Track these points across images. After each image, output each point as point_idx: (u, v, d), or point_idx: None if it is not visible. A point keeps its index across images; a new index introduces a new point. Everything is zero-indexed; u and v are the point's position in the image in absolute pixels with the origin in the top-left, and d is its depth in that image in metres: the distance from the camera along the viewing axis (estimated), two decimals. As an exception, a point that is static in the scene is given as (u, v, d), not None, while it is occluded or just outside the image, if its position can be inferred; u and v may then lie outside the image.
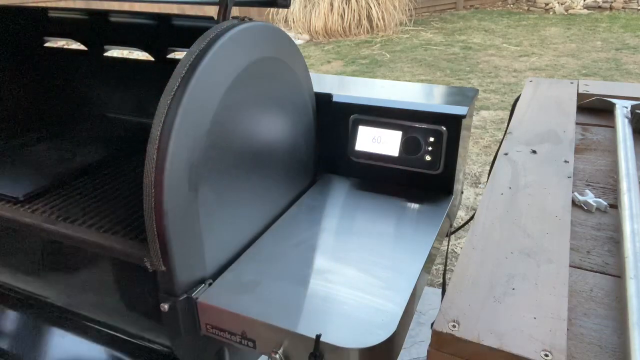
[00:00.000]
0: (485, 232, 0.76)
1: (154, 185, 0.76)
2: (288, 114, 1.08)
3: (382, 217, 1.08)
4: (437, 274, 2.32)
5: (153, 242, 0.79)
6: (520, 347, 0.55)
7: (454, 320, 0.59)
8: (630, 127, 1.10)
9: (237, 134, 0.91)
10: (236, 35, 0.86)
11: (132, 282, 0.94)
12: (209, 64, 0.80)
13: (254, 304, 0.82)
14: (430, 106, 1.17)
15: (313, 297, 0.84)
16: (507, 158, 0.99)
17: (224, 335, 0.84)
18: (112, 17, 1.36)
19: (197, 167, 0.81)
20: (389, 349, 0.76)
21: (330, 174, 1.28)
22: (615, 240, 0.78)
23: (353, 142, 1.21)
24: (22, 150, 1.37)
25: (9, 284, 1.19)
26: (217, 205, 0.88)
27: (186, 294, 0.83)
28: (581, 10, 8.50)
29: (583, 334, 0.60)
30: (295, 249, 0.97)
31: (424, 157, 1.15)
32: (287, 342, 0.78)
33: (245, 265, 0.93)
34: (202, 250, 0.86)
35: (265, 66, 0.96)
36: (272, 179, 1.06)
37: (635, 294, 0.62)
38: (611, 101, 1.24)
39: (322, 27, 6.38)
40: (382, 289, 0.85)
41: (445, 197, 1.15)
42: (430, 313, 2.00)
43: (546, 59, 5.89)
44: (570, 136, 1.07)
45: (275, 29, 0.98)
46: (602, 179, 0.96)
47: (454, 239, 2.51)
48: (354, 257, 0.94)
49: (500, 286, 0.65)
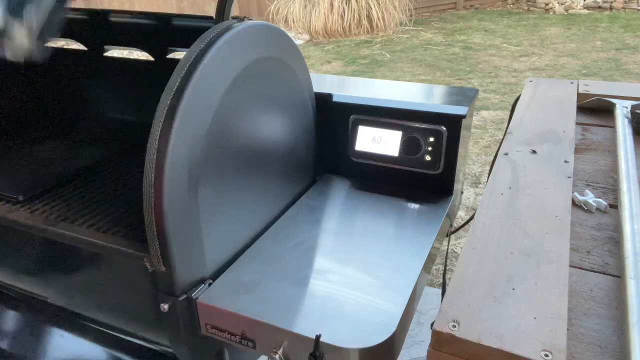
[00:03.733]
0: (485, 232, 0.76)
1: (154, 185, 0.76)
2: (288, 114, 1.08)
3: (382, 217, 1.08)
4: (437, 274, 2.32)
5: (153, 242, 0.79)
6: (520, 347, 0.55)
7: (454, 320, 0.59)
8: (630, 127, 1.10)
9: (237, 134, 0.90)
10: (236, 35, 0.86)
11: (132, 282, 0.94)
12: (208, 64, 0.80)
13: (253, 304, 0.82)
14: (430, 106, 1.17)
15: (313, 297, 0.84)
16: (507, 158, 0.99)
17: (223, 335, 0.84)
18: (112, 17, 1.36)
19: (197, 167, 0.81)
20: (389, 349, 0.76)
21: (330, 174, 1.28)
22: (615, 240, 0.78)
23: (353, 142, 1.21)
24: (22, 150, 1.37)
25: (9, 284, 1.19)
26: (217, 205, 0.88)
27: (186, 294, 0.83)
28: (581, 10, 8.50)
29: (583, 334, 0.60)
30: (295, 249, 0.97)
31: (423, 157, 1.15)
32: (286, 342, 0.78)
33: (245, 266, 0.93)
34: (202, 251, 0.86)
35: (265, 66, 0.95)
36: (272, 179, 1.06)
37: (635, 294, 0.62)
38: (611, 101, 1.24)
39: (322, 27, 6.38)
40: (382, 289, 0.85)
41: (445, 197, 1.15)
42: (430, 313, 2.00)
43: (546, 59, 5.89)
44: (570, 136, 1.07)
45: (275, 29, 0.98)
46: (602, 179, 0.96)
47: (454, 239, 2.51)
48: (354, 257, 0.94)
49: (500, 286, 0.65)
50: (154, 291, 0.84)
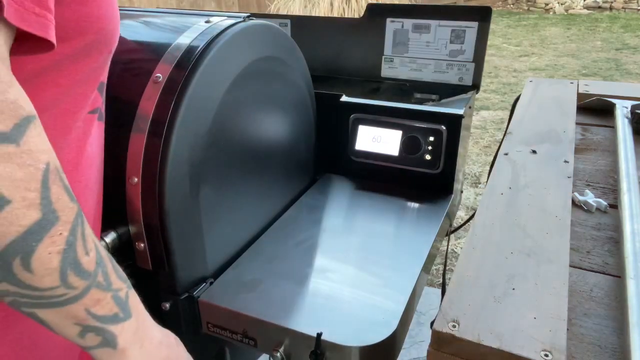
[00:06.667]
0: (485, 232, 0.76)
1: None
2: (288, 114, 1.08)
3: (382, 216, 1.08)
4: (437, 274, 2.32)
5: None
6: (520, 347, 0.55)
7: (454, 320, 0.60)
8: (630, 127, 1.11)
9: (238, 133, 0.91)
10: (237, 34, 0.86)
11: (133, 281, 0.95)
12: (209, 64, 0.80)
13: (255, 302, 0.82)
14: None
15: (314, 296, 0.84)
16: (507, 158, 0.99)
17: (225, 333, 0.84)
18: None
19: (198, 166, 0.81)
20: (390, 347, 0.76)
21: (330, 174, 1.28)
22: (615, 240, 0.78)
23: (353, 141, 1.21)
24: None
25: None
26: (218, 205, 0.88)
27: (187, 292, 0.84)
28: (581, 10, 8.51)
29: (583, 334, 0.61)
30: (295, 248, 0.97)
31: (423, 157, 1.15)
32: (288, 341, 0.78)
33: (246, 264, 0.93)
34: (203, 250, 0.86)
35: (266, 66, 0.96)
36: (273, 178, 1.06)
37: (635, 294, 0.62)
38: (611, 101, 1.25)
39: (322, 26, 6.37)
40: (383, 288, 0.85)
41: (445, 196, 1.16)
42: (430, 313, 2.00)
43: (546, 59, 5.90)
44: (570, 136, 1.08)
45: (276, 29, 0.98)
46: (602, 179, 0.96)
47: (454, 239, 2.51)
48: (354, 256, 0.94)
49: (500, 286, 0.65)
50: (155, 290, 0.84)
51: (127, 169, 0.76)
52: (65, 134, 0.57)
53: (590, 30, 7.13)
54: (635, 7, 8.28)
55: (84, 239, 0.48)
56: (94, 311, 0.50)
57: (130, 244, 0.80)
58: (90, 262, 0.49)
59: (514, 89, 4.83)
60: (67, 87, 0.55)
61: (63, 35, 0.51)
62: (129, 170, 0.76)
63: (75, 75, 0.56)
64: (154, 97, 0.77)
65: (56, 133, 0.55)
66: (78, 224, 0.47)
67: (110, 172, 0.75)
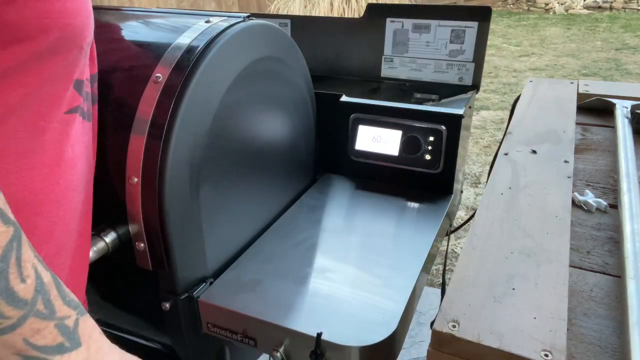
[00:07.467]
0: (485, 232, 0.76)
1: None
2: (288, 114, 1.08)
3: (382, 216, 1.08)
4: (437, 274, 2.32)
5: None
6: (520, 347, 0.55)
7: (453, 320, 0.60)
8: (630, 127, 1.11)
9: (238, 133, 0.91)
10: (236, 34, 0.86)
11: (133, 281, 0.95)
12: (209, 64, 0.80)
13: (254, 302, 0.82)
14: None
15: (313, 296, 0.84)
16: (507, 158, 0.99)
17: (225, 333, 0.84)
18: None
19: (198, 166, 0.81)
20: (390, 347, 0.76)
21: (330, 174, 1.28)
22: (615, 240, 0.78)
23: (353, 141, 1.21)
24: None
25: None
26: (218, 205, 0.88)
27: (187, 292, 0.84)
28: (581, 10, 8.51)
29: (583, 334, 0.61)
30: (295, 248, 0.97)
31: (423, 157, 1.15)
32: (288, 341, 0.78)
33: (245, 264, 0.93)
34: (203, 249, 0.86)
35: (266, 66, 0.96)
36: (273, 178, 1.06)
37: (635, 294, 0.62)
38: (611, 101, 1.25)
39: (322, 26, 6.37)
40: (383, 288, 0.85)
41: (445, 196, 1.16)
42: (430, 313, 2.00)
43: (546, 59, 5.90)
44: (570, 136, 1.08)
45: (276, 29, 0.98)
46: (602, 179, 0.96)
47: (454, 239, 2.51)
48: (354, 256, 0.94)
49: (500, 286, 0.65)
50: (155, 290, 0.84)
51: (127, 168, 0.76)
52: (37, 135, 0.54)
53: (590, 30, 7.13)
54: (635, 7, 8.28)
55: (19, 265, 0.43)
56: (33, 341, 0.46)
57: (130, 244, 0.80)
58: (27, 289, 0.45)
59: (514, 89, 4.84)
60: (36, 87, 0.52)
61: (24, 34, 0.49)
62: (129, 170, 0.76)
63: (42, 74, 0.53)
64: (154, 97, 0.77)
65: (27, 135, 0.52)
66: (12, 248, 0.43)
67: (110, 172, 0.75)
